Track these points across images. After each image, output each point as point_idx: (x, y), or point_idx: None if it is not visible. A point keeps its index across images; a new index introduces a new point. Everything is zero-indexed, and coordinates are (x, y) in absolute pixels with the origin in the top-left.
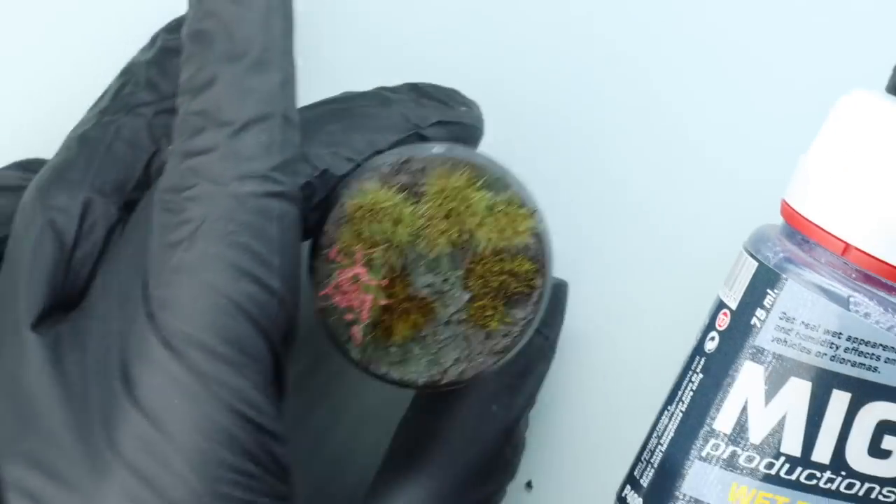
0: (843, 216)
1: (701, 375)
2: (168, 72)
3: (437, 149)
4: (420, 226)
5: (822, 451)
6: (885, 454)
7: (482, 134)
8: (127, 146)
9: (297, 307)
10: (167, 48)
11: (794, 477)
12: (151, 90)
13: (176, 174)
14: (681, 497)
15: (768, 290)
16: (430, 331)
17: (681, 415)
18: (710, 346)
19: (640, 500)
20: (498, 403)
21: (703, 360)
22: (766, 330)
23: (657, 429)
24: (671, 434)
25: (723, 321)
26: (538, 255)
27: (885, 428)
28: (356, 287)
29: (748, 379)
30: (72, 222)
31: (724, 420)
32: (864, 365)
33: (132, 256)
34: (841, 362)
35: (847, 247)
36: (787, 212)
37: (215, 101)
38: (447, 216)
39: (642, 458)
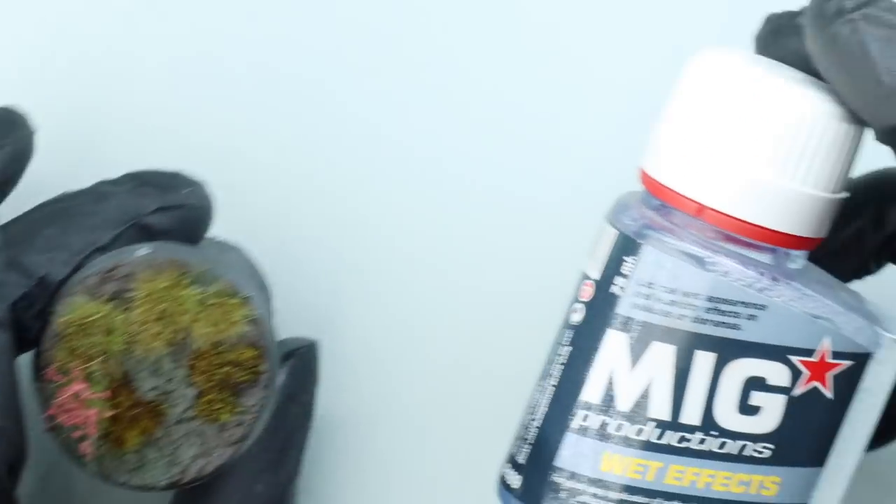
0: (696, 178)
1: (568, 348)
2: None
3: (141, 251)
4: (134, 332)
5: (691, 413)
6: (755, 410)
7: (211, 213)
8: None
9: (20, 432)
10: None
11: (664, 441)
12: None
13: None
14: (556, 471)
15: (627, 258)
16: (162, 432)
17: (551, 389)
18: (576, 318)
19: (520, 478)
20: (261, 482)
21: (569, 332)
22: (627, 297)
23: (531, 405)
24: (543, 409)
25: (586, 292)
26: (258, 340)
27: (751, 384)
28: (79, 403)
29: (612, 347)
30: None
31: (591, 390)
32: (725, 324)
33: None
34: (702, 323)
35: (701, 207)
36: (644, 179)
37: None
38: (160, 318)
39: (518, 436)
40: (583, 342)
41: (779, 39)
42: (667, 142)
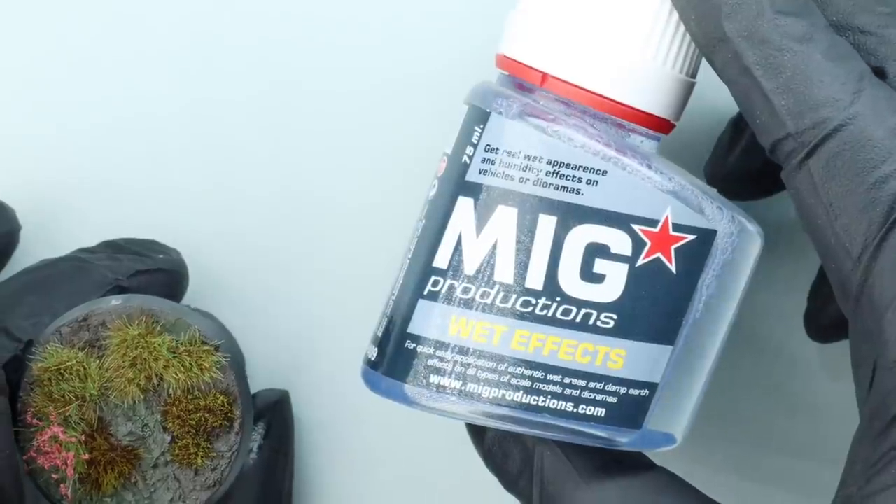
0: (540, 48)
1: (424, 221)
2: None
3: (114, 301)
4: (108, 378)
5: (535, 278)
6: (599, 278)
7: (186, 277)
8: None
9: (19, 491)
10: None
11: (509, 305)
12: None
13: None
14: (408, 338)
15: (476, 128)
16: (139, 476)
17: (407, 262)
18: (432, 192)
19: (376, 349)
20: None
21: (425, 207)
22: (475, 164)
23: (392, 284)
24: (400, 282)
25: (441, 167)
26: (230, 387)
27: (594, 251)
28: (56, 447)
29: (461, 213)
30: None
31: (442, 256)
32: (566, 188)
33: None
34: (544, 186)
35: (545, 76)
36: (498, 60)
37: None
38: (133, 364)
39: (381, 314)
40: (436, 213)
41: None
42: (515, 20)
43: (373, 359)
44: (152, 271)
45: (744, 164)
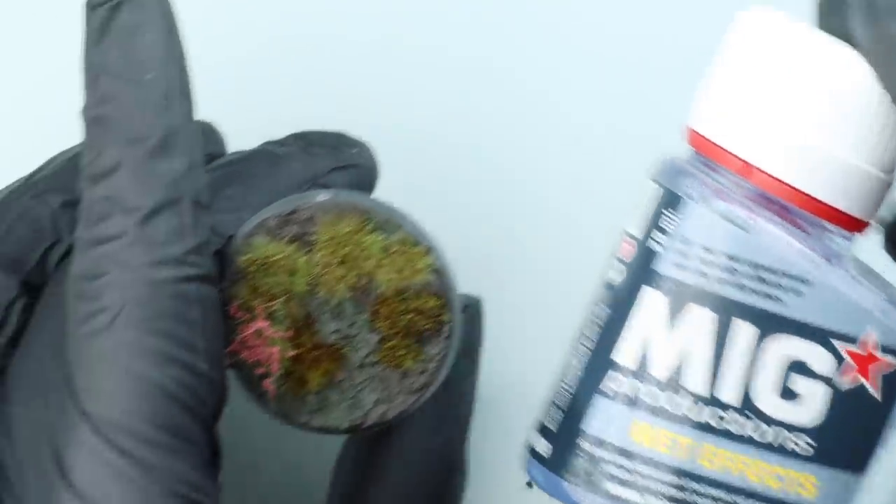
0: (744, 135)
1: (604, 308)
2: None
3: (321, 196)
4: (317, 274)
5: (728, 390)
6: (797, 398)
7: (378, 172)
8: (29, 228)
9: (226, 385)
10: None
11: (699, 417)
12: (63, 180)
13: (86, 261)
14: (583, 436)
15: (669, 214)
16: (345, 376)
17: (585, 350)
18: (613, 276)
19: (546, 443)
20: (438, 436)
21: (606, 292)
22: (666, 255)
23: (564, 369)
24: (576, 371)
25: (626, 250)
26: (441, 290)
27: (793, 367)
28: (262, 341)
29: (649, 308)
30: None
31: (625, 352)
32: (767, 294)
33: (49, 343)
34: (741, 289)
35: (747, 166)
36: (690, 136)
37: (119, 187)
38: (343, 262)
39: (549, 401)
40: (619, 301)
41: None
42: (716, 98)
43: (540, 453)
44: (347, 168)
45: None
